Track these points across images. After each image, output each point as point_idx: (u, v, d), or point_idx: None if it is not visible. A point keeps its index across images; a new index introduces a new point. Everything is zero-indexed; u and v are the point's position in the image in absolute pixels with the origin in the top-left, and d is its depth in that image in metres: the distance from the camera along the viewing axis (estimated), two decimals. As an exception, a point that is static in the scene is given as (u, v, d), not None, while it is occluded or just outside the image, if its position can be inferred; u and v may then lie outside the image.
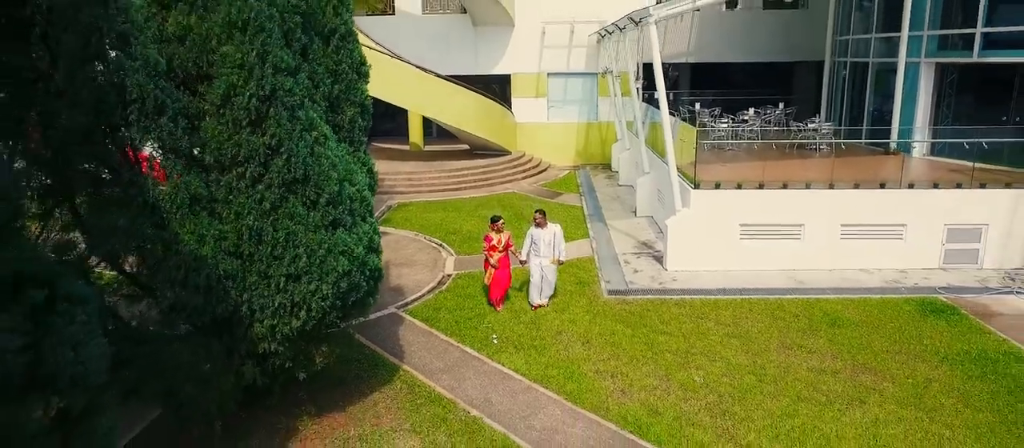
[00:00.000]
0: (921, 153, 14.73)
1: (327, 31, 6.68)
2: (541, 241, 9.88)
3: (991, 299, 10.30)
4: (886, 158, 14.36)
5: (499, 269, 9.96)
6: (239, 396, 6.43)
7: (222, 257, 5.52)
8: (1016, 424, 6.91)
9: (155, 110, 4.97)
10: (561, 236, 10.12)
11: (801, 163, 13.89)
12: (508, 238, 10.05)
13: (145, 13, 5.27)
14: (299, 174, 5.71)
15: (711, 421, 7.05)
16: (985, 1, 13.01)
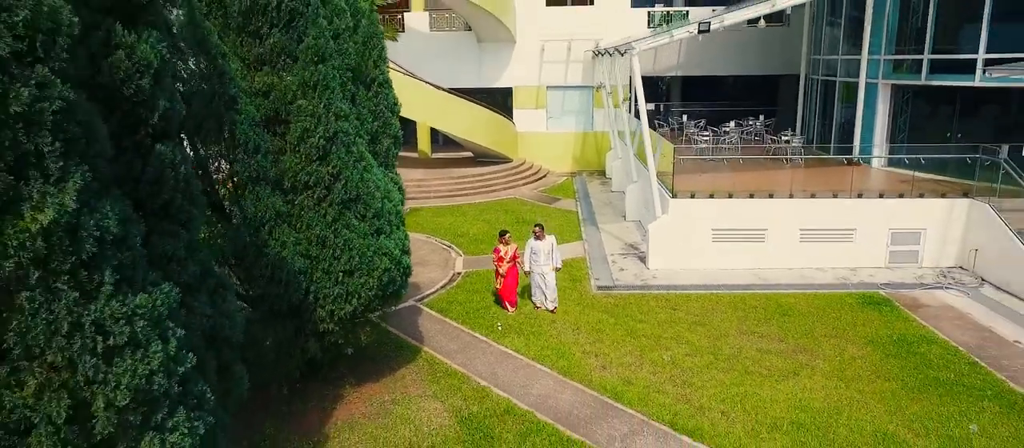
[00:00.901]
0: (880, 164, 16.59)
1: (369, 80, 8.55)
2: (541, 252, 11.40)
3: (922, 293, 12.17)
4: (847, 169, 16.19)
5: (506, 278, 11.48)
6: (301, 367, 8.31)
7: (296, 258, 7.38)
8: (914, 389, 8.76)
9: (253, 150, 6.83)
10: (557, 248, 11.71)
11: (769, 174, 15.69)
12: (515, 250, 11.60)
13: (241, 75, 7.13)
14: (353, 195, 7.58)
15: (673, 389, 8.91)
16: (930, 31, 14.89)
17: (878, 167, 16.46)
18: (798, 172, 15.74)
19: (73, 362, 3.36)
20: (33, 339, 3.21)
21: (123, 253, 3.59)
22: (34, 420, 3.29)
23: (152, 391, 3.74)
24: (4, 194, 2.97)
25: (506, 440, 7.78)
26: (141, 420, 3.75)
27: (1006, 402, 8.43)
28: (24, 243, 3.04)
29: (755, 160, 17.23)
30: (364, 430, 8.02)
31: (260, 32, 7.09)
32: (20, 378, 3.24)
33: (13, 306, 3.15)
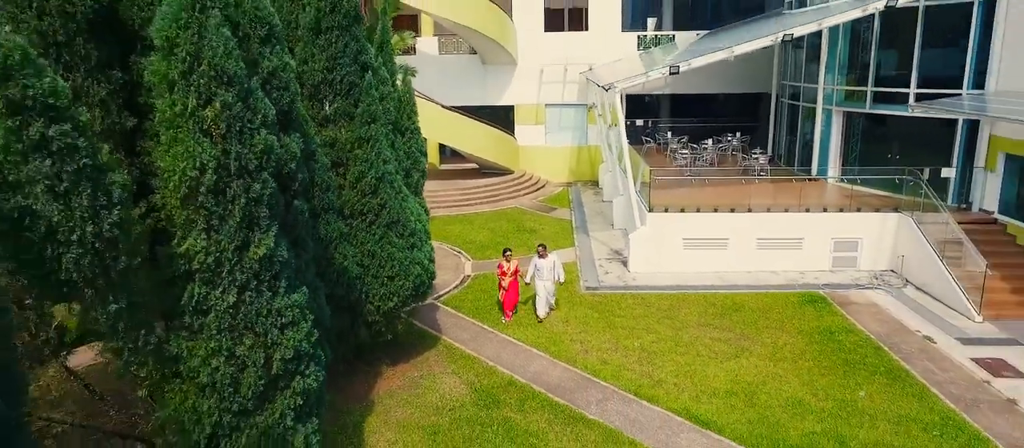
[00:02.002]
0: (834, 181, 19.22)
1: (404, 129, 11.22)
2: (544, 268, 13.55)
3: (854, 293, 14.81)
4: (803, 184, 18.82)
5: (508, 291, 13.64)
6: (353, 350, 10.97)
7: (353, 267, 10.04)
8: (826, 368, 11.39)
9: (326, 188, 9.50)
10: (560, 263, 13.88)
11: (735, 189, 18.27)
12: (516, 266, 13.76)
13: (314, 130, 9.79)
14: (394, 219, 10.24)
15: (639, 367, 11.57)
16: (873, 67, 17.52)
17: (833, 183, 19.08)
18: (761, 187, 18.37)
19: (267, 332, 6.04)
20: (250, 319, 5.89)
21: (288, 270, 6.27)
22: (247, 363, 5.97)
23: (301, 351, 6.42)
24: (245, 240, 5.64)
25: (509, 404, 10.44)
26: (294, 368, 6.43)
27: (893, 376, 11.08)
28: (252, 266, 5.71)
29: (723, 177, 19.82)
30: (400, 397, 10.69)
31: (326, 99, 9.77)
32: (243, 339, 5.91)
33: (242, 301, 5.83)
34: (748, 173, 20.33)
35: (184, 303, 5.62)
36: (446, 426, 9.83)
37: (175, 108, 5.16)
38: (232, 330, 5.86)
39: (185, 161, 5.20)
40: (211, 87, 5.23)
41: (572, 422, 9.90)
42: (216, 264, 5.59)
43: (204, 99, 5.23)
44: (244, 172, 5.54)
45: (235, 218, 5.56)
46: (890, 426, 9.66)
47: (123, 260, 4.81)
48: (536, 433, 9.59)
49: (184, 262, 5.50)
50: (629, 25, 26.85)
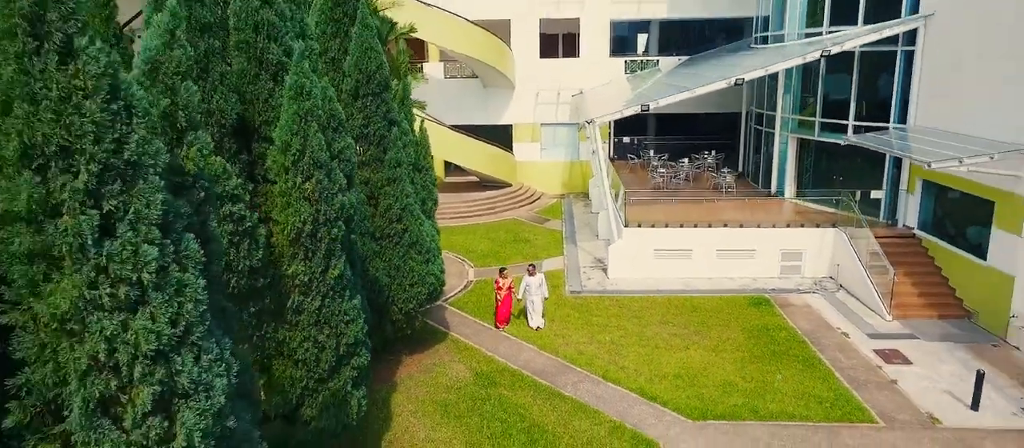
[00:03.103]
0: (790, 199, 22.32)
1: (421, 167, 14.39)
2: (533, 285, 16.33)
3: (794, 296, 17.92)
4: (760, 201, 21.92)
5: (502, 305, 16.42)
6: (379, 343, 14.12)
7: (382, 277, 13.18)
8: (757, 357, 14.50)
9: (363, 218, 12.63)
10: (545, 282, 16.55)
11: (700, 206, 21.36)
12: (510, 283, 16.54)
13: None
14: (414, 240, 13.38)
15: (608, 357, 14.70)
16: (820, 100, 20.64)
17: (789, 201, 22.18)
18: (723, 205, 21.47)
19: (337, 326, 9.18)
20: (328, 317, 9.04)
21: (350, 283, 9.41)
22: (325, 346, 9.11)
23: (358, 339, 9.58)
24: (326, 265, 8.79)
25: (503, 384, 13.58)
26: (353, 350, 9.58)
27: (808, 364, 14.19)
28: (330, 282, 8.87)
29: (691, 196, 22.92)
30: (418, 379, 13.83)
31: (363, 148, 12.91)
32: (323, 330, 9.05)
33: (324, 305, 8.98)
34: (718, 190, 23.46)
35: (288, 307, 8.77)
36: (454, 401, 12.97)
37: (288, 184, 8.30)
38: (317, 324, 9.00)
39: (294, 217, 8.33)
40: (310, 170, 8.36)
41: (552, 397, 13.05)
42: (309, 281, 8.73)
43: (305, 177, 8.37)
44: (327, 222, 8.68)
45: (321, 252, 8.71)
46: (795, 400, 12.78)
47: (261, 281, 7.93)
48: (523, 405, 12.73)
49: (290, 280, 8.65)
50: (617, 51, 29.96)
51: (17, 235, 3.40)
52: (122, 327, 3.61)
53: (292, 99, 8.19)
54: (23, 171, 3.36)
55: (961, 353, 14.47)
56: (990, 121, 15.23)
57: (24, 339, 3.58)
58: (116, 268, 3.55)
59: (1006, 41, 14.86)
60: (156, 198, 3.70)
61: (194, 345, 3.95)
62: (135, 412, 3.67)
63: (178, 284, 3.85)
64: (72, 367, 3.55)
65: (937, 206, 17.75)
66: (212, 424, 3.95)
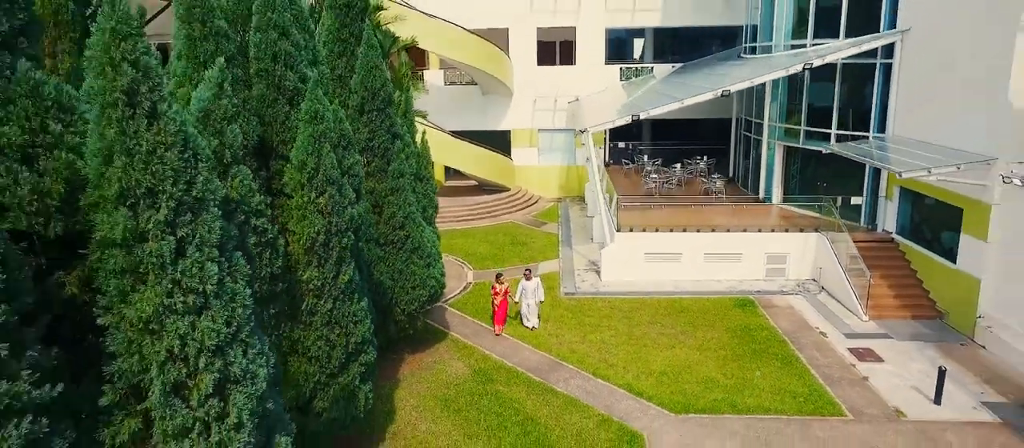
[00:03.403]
0: (777, 203, 23.30)
1: (422, 177, 15.38)
2: (528, 289, 17.24)
3: (778, 298, 18.90)
4: (747, 206, 22.89)
5: (499, 308, 17.35)
6: (384, 342, 15.11)
7: (387, 280, 14.18)
8: (738, 355, 15.48)
9: (368, 225, 13.63)
10: (541, 286, 17.46)
11: (690, 211, 22.34)
12: (506, 288, 17.42)
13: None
14: (416, 246, 14.38)
15: (598, 355, 15.69)
16: (805, 109, 21.62)
17: (776, 206, 23.16)
18: (711, 210, 22.46)
19: (347, 326, 10.19)
20: (338, 318, 10.05)
21: (358, 287, 10.42)
22: (336, 344, 10.12)
23: (365, 338, 10.58)
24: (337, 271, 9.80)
25: (499, 381, 14.57)
26: (361, 348, 10.59)
27: (786, 361, 15.18)
28: (340, 286, 9.87)
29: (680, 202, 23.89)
30: (420, 376, 14.83)
31: (367, 158, 13.91)
32: (334, 330, 10.06)
33: (335, 307, 9.99)
34: (708, 195, 24.45)
35: (303, 309, 9.77)
36: (453, 396, 13.97)
37: (303, 199, 9.30)
38: (328, 325, 10.00)
39: (309, 228, 9.33)
40: (323, 186, 9.36)
41: (544, 393, 14.04)
42: (322, 286, 9.73)
43: (319, 193, 9.38)
44: (338, 233, 9.69)
45: (333, 259, 9.71)
46: (771, 395, 13.78)
47: (280, 286, 8.93)
48: (518, 400, 13.73)
49: (304, 285, 9.65)
50: (612, 58, 30.95)
51: (113, 256, 4.36)
52: (191, 327, 4.58)
53: (307, 123, 9.20)
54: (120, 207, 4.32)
55: (930, 352, 15.47)
56: (959, 133, 16.22)
57: (116, 337, 4.55)
58: (187, 281, 4.52)
59: (970, 57, 15.85)
60: (215, 225, 4.67)
61: (243, 341, 4.91)
62: (199, 394, 4.65)
63: (231, 293, 4.82)
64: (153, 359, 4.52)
65: (913, 212, 18.74)
66: (256, 405, 4.91)
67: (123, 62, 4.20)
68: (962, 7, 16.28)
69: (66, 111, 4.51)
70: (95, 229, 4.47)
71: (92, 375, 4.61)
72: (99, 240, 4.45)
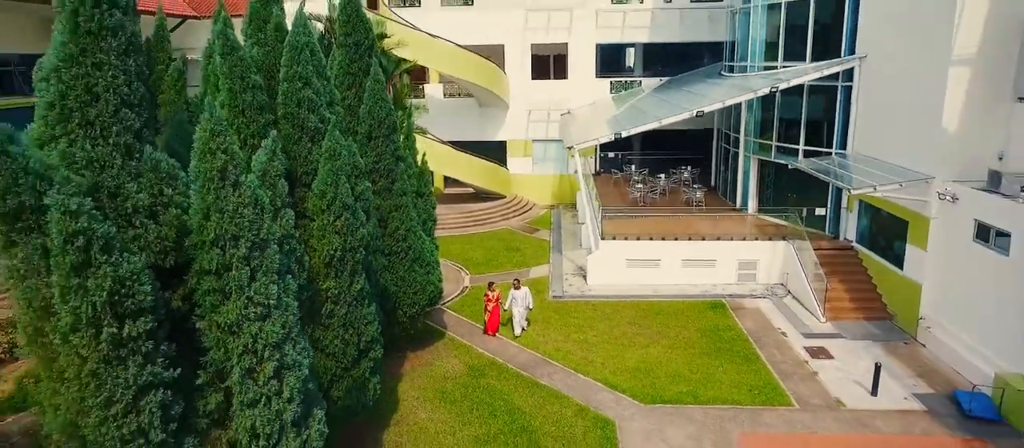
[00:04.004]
0: (752, 213, 25.28)
1: (423, 193, 17.41)
2: (518, 297, 19.18)
3: (747, 301, 20.89)
4: (724, 216, 24.86)
5: (491, 315, 19.30)
6: (388, 341, 17.13)
7: (392, 286, 16.20)
8: (706, 353, 17.48)
9: (375, 237, 15.63)
10: (529, 294, 19.42)
11: (671, 220, 24.30)
12: (497, 295, 19.65)
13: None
14: (417, 255, 16.39)
15: (581, 352, 17.70)
16: (776, 126, 23.61)
17: (750, 215, 25.15)
18: (689, 219, 24.44)
19: (359, 326, 12.22)
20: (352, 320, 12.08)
21: (369, 294, 12.45)
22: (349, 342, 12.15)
23: (374, 336, 12.61)
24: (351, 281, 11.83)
25: (491, 375, 16.58)
26: (371, 345, 12.61)
27: (747, 358, 17.18)
28: (354, 294, 11.89)
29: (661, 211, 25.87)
30: (420, 371, 16.84)
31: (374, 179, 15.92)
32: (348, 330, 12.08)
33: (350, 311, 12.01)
34: (689, 204, 26.44)
35: (322, 312, 11.79)
36: (449, 389, 15.98)
37: (323, 221, 11.32)
38: (343, 326, 12.01)
39: (327, 246, 11.35)
40: (339, 211, 11.38)
41: (531, 386, 16.06)
42: (338, 294, 11.75)
43: (336, 217, 11.39)
44: (352, 249, 11.70)
45: (348, 271, 11.73)
46: (730, 388, 15.77)
47: (305, 294, 10.95)
48: (507, 392, 15.75)
49: (324, 293, 11.67)
50: (603, 71, 32.94)
51: (207, 281, 6.33)
52: (259, 330, 6.55)
53: (327, 159, 11.23)
54: (214, 248, 6.29)
55: (876, 350, 17.46)
56: (906, 152, 18.20)
57: (208, 336, 6.52)
58: (257, 298, 6.49)
59: (912, 84, 17.83)
60: (275, 258, 6.63)
61: (292, 340, 6.86)
62: (264, 377, 6.62)
63: (285, 305, 6.76)
64: (234, 352, 6.50)
65: (870, 223, 20.71)
66: (301, 386, 6.86)
67: (218, 151, 6.14)
68: (905, 38, 18.25)
69: (175, 180, 6.45)
70: (195, 262, 6.45)
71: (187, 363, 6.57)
72: (197, 269, 6.42)
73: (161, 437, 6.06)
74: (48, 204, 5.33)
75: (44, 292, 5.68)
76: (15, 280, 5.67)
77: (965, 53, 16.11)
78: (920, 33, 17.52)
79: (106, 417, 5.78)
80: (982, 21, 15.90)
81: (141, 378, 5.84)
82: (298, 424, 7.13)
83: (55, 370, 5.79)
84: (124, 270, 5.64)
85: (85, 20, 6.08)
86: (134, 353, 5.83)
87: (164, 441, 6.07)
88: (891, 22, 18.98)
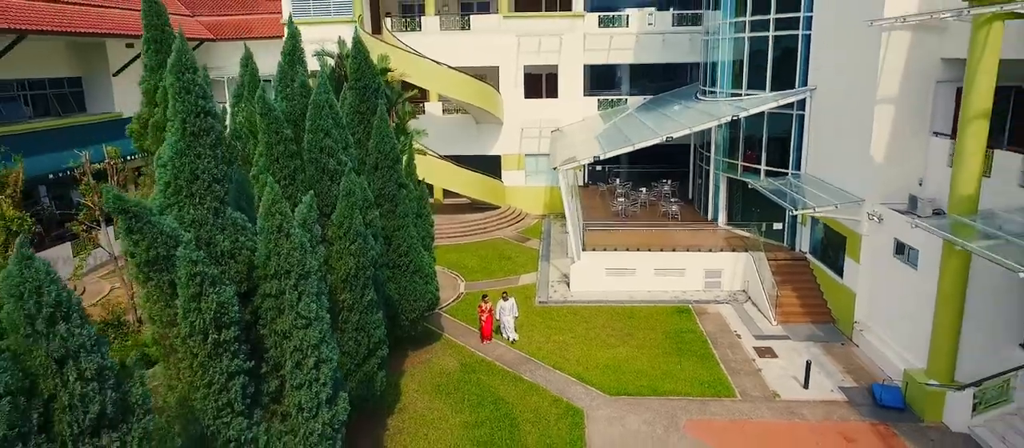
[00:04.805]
0: (722, 225, 28.18)
1: (422, 214, 20.36)
2: (506, 308, 22.34)
3: (711, 306, 23.79)
4: (700, 227, 27.76)
5: (485, 324, 22.34)
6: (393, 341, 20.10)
7: (395, 294, 19.16)
8: (667, 352, 20.37)
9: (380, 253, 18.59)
10: (516, 305, 22.54)
11: (646, 232, 27.22)
12: (490, 306, 22.70)
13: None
14: (417, 268, 19.33)
15: (558, 351, 20.63)
16: (741, 146, 26.51)
17: (720, 227, 28.04)
18: (663, 232, 27.35)
19: (369, 329, 15.20)
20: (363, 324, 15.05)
21: (377, 303, 15.43)
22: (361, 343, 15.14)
23: (381, 337, 15.58)
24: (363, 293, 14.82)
25: (481, 372, 19.53)
26: (378, 345, 15.59)
27: (703, 357, 20.08)
28: (365, 303, 14.87)
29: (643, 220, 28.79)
30: (419, 369, 19.79)
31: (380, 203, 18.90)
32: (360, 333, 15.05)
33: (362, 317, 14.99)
34: (666, 217, 29.36)
35: (340, 319, 14.75)
36: (445, 383, 18.93)
37: (340, 246, 14.28)
38: (356, 329, 14.97)
39: (344, 266, 14.30)
40: (353, 237, 14.32)
41: (514, 380, 19.00)
42: (353, 304, 14.70)
43: (351, 242, 14.35)
44: (364, 267, 14.65)
45: (360, 285, 14.69)
46: (685, 383, 18.69)
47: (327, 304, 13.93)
48: (493, 386, 18.69)
49: (341, 303, 14.63)
50: (591, 90, 35.89)
51: (269, 301, 9.29)
52: (304, 335, 9.48)
53: (343, 197, 14.20)
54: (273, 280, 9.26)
55: (816, 349, 20.37)
56: (845, 177, 21.10)
57: (268, 340, 9.48)
58: (302, 313, 9.43)
59: (849, 117, 20.71)
60: (313, 284, 9.55)
61: (326, 341, 9.78)
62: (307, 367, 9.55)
63: (320, 318, 9.68)
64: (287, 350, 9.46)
65: (820, 237, 23.62)
66: (332, 375, 9.77)
67: (276, 213, 9.09)
68: (843, 75, 21.12)
69: (245, 231, 9.38)
70: (260, 288, 9.43)
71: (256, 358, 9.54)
72: (262, 293, 9.36)
73: (241, 408, 9.00)
74: (178, 255, 8.28)
75: (168, 310, 8.62)
76: (149, 302, 8.60)
77: (888, 94, 18.99)
78: (853, 73, 20.40)
79: (208, 393, 8.72)
80: (902, 67, 18.77)
81: (230, 368, 8.76)
82: (330, 402, 10.06)
83: (172, 362, 8.72)
84: (223, 297, 8.57)
85: (190, 126, 9.02)
86: (226, 351, 8.76)
87: (243, 410, 9.02)
88: (833, 61, 21.88)
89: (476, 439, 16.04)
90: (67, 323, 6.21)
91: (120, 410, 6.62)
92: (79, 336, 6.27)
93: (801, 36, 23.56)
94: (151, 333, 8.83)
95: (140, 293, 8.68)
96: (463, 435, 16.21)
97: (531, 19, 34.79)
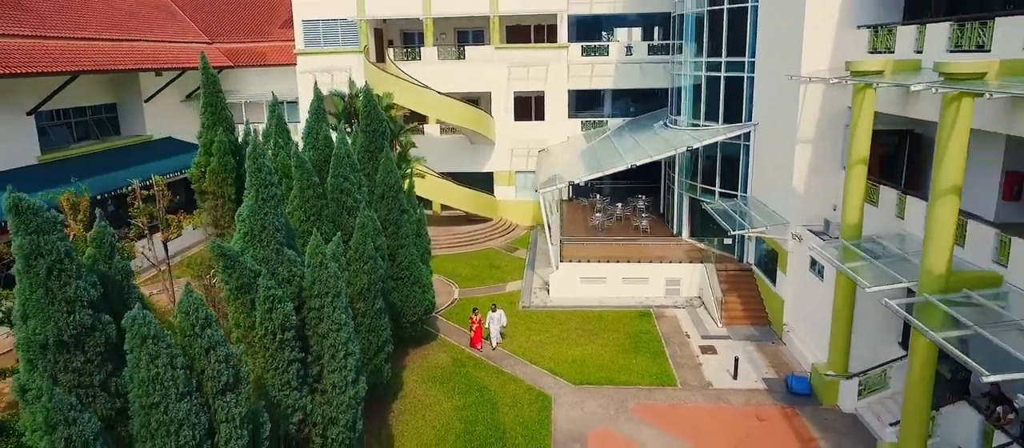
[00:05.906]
0: (686, 239, 32.60)
1: (420, 234, 24.85)
2: (494, 318, 26.63)
3: (668, 310, 28.20)
4: (666, 241, 32.18)
5: (475, 333, 27.03)
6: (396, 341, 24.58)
7: (398, 301, 23.64)
8: (626, 349, 24.76)
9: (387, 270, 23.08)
10: (504, 315, 26.94)
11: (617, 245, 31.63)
12: (479, 318, 27.08)
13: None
14: (417, 279, 23.77)
15: (535, 349, 25.06)
16: (700, 171, 30.95)
17: (684, 241, 32.46)
18: (635, 244, 31.79)
19: (378, 331, 19.71)
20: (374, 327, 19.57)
21: (384, 309, 19.96)
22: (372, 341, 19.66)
23: (387, 337, 20.07)
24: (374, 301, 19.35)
25: (470, 366, 23.98)
26: (385, 344, 20.10)
27: (655, 353, 24.49)
28: (375, 310, 19.40)
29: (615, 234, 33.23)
30: (418, 364, 24.24)
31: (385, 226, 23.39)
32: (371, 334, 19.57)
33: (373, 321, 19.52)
34: (637, 230, 33.82)
35: (356, 323, 19.23)
36: (439, 375, 23.39)
37: (357, 267, 18.76)
38: (368, 331, 19.46)
39: (359, 281, 18.71)
40: (366, 259, 18.76)
41: (496, 373, 23.46)
42: (366, 310, 19.17)
43: (364, 262, 18.81)
44: (374, 283, 19.11)
45: (372, 296, 19.15)
46: (638, 375, 23.13)
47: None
48: (480, 378, 23.16)
49: (356, 310, 19.11)
50: (575, 112, 40.35)
51: (314, 312, 13.79)
52: (337, 335, 13.89)
53: (359, 228, 18.69)
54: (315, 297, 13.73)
55: (750, 348, 24.82)
56: (777, 201, 25.53)
57: (312, 338, 13.94)
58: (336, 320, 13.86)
59: (779, 150, 25.12)
60: (343, 300, 13.96)
61: (351, 340, 14.19)
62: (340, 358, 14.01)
63: (347, 324, 14.10)
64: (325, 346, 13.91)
65: (763, 251, 28.05)
66: (356, 363, 14.22)
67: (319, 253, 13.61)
68: (775, 116, 25.53)
69: (296, 264, 13.83)
70: (306, 303, 13.92)
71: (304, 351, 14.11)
72: (308, 307, 13.87)
73: (296, 384, 13.39)
74: (259, 284, 12.74)
75: (249, 318, 13.06)
76: (236, 314, 13.05)
77: (806, 135, 23.41)
78: (781, 115, 24.82)
79: (275, 374, 13.13)
80: (817, 114, 23.18)
81: (289, 357, 13.18)
82: (354, 383, 14.45)
83: (250, 353, 13.19)
84: (285, 310, 12.96)
85: (261, 193, 13.46)
86: (286, 346, 13.18)
87: (297, 386, 13.45)
88: (769, 103, 26.31)
89: (464, 418, 20.51)
90: (209, 328, 10.62)
91: (235, 379, 11.00)
92: (215, 336, 10.68)
93: (746, 78, 27.96)
94: (235, 335, 13.24)
95: (230, 308, 13.14)
96: (453, 415, 20.70)
97: (520, 50, 39.25)
